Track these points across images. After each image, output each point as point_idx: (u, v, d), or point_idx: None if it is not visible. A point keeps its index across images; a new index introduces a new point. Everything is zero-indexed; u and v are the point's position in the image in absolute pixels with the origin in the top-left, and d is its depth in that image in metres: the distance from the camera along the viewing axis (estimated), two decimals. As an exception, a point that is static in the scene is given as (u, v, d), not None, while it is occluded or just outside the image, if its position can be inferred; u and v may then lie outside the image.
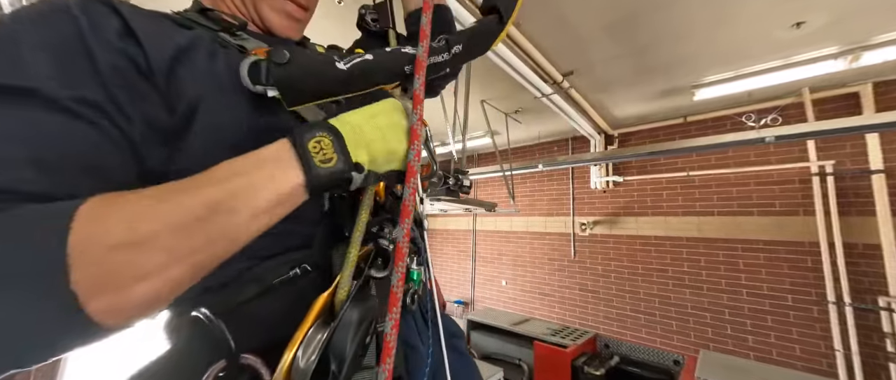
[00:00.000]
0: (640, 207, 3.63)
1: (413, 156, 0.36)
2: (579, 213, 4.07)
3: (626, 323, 3.56)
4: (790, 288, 2.80)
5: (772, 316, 2.84)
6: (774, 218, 2.91)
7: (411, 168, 0.36)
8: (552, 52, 2.34)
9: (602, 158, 3.54)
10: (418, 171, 0.36)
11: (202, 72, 0.34)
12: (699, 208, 3.28)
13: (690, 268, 3.26)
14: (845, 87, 2.63)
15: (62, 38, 0.27)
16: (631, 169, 3.72)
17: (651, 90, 2.91)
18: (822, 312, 2.64)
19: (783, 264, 2.84)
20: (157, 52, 0.31)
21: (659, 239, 3.46)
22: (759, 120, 2.83)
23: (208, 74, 0.34)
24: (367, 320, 0.33)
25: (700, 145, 2.69)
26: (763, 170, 2.98)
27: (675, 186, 3.44)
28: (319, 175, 0.29)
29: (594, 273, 3.86)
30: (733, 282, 3.04)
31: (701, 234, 3.24)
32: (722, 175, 3.17)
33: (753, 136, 2.40)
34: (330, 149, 0.30)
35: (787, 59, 2.30)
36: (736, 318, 2.99)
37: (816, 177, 2.72)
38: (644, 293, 3.49)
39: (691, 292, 3.23)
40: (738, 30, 2.02)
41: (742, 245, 3.02)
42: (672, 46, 2.23)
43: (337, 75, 0.36)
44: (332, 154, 0.30)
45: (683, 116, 3.41)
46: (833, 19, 1.88)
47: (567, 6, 1.88)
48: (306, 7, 0.49)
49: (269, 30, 0.48)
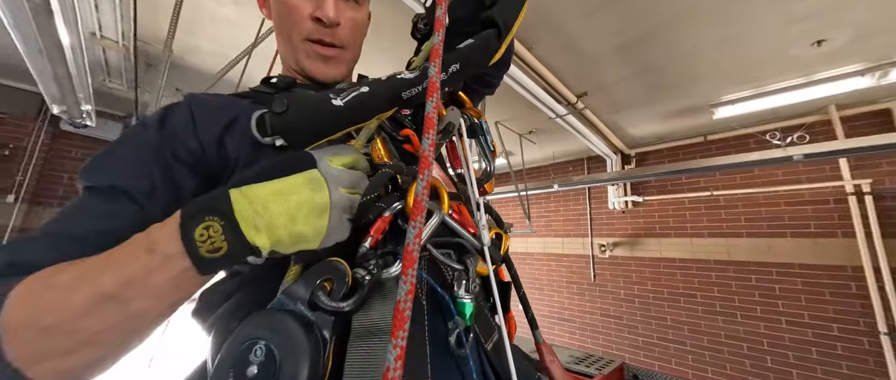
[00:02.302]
0: (662, 227, 3.51)
1: (421, 189, 0.31)
2: (598, 234, 3.96)
3: (654, 352, 3.34)
4: (834, 317, 2.58)
5: (816, 347, 2.61)
6: (810, 240, 2.74)
7: (418, 203, 0.30)
8: (565, 73, 2.38)
9: (619, 177, 3.48)
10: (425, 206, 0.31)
11: (241, 136, 0.40)
12: (726, 229, 3.13)
13: (721, 293, 3.07)
14: (876, 103, 2.54)
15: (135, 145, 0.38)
16: (650, 189, 3.63)
17: (667, 109, 2.89)
18: (874, 344, 2.41)
19: (824, 291, 2.64)
20: (207, 134, 0.40)
21: (684, 262, 3.31)
22: (784, 138, 2.75)
23: (245, 137, 0.40)
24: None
25: (724, 164, 2.62)
26: (793, 189, 2.85)
27: (698, 207, 3.32)
28: (208, 263, 0.28)
29: (616, 297, 3.69)
30: (770, 309, 2.84)
31: (730, 257, 3.07)
32: (749, 195, 3.05)
33: (780, 154, 2.32)
34: (219, 236, 0.28)
35: (809, 77, 2.25)
36: (776, 349, 2.76)
37: (853, 196, 2.58)
38: (672, 320, 3.29)
39: (724, 320, 3.02)
40: (756, 49, 2.01)
41: (777, 269, 2.85)
42: (687, 66, 2.23)
43: (334, 112, 0.37)
44: (220, 243, 0.28)
45: (703, 135, 3.35)
46: (855, 37, 1.86)
47: (577, 29, 1.94)
48: (337, 45, 0.50)
49: (313, 77, 0.51)
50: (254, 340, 0.27)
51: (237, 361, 0.27)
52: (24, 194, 2.63)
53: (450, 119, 0.47)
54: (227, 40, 2.14)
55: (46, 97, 2.10)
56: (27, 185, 2.64)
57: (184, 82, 2.65)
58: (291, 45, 0.50)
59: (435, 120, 0.33)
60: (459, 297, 0.38)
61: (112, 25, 1.88)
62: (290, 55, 0.52)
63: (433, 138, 0.32)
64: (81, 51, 1.68)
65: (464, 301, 0.38)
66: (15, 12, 1.30)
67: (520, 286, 0.55)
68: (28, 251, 0.31)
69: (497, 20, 0.48)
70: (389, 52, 2.06)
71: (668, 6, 1.73)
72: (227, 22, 1.98)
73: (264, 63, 1.85)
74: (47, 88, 1.96)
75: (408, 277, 0.27)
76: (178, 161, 0.38)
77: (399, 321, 0.26)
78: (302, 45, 0.50)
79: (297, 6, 0.48)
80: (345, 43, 0.51)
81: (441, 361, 0.36)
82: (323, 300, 0.29)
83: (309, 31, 0.49)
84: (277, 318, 0.28)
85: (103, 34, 1.94)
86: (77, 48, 1.62)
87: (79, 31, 1.54)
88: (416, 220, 0.29)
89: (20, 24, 1.37)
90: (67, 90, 1.98)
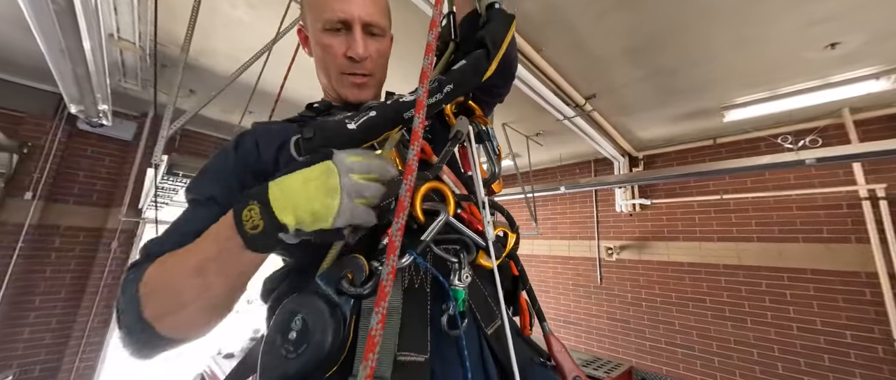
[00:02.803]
0: (670, 231, 3.47)
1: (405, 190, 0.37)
2: (605, 237, 3.93)
3: (662, 357, 3.31)
4: (847, 323, 2.54)
5: (829, 355, 2.57)
6: (823, 245, 2.70)
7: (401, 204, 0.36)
8: (573, 75, 2.38)
9: (627, 180, 3.46)
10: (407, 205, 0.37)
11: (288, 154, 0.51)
12: (736, 233, 3.10)
13: (730, 298, 3.04)
14: (891, 106, 2.50)
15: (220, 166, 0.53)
16: (658, 192, 3.60)
17: (677, 112, 2.87)
18: (889, 352, 2.36)
19: (837, 297, 2.60)
20: (267, 154, 0.53)
21: (693, 266, 3.27)
22: (796, 142, 2.71)
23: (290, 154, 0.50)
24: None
25: (735, 168, 2.59)
26: (805, 193, 2.81)
27: (707, 210, 3.29)
28: (250, 238, 0.38)
29: (623, 301, 3.66)
30: (781, 315, 2.80)
31: (740, 261, 3.03)
32: (760, 199, 3.02)
33: (792, 158, 2.29)
34: (257, 217, 0.37)
35: (823, 80, 2.23)
36: (787, 356, 2.72)
37: (867, 201, 2.54)
38: (680, 325, 3.26)
39: (734, 326, 2.99)
40: (771, 51, 2.00)
41: (788, 274, 2.80)
42: (698, 69, 2.22)
43: (349, 135, 0.47)
44: (258, 222, 0.37)
45: (713, 138, 3.32)
46: (870, 39, 1.83)
47: (588, 31, 1.94)
48: (367, 74, 0.60)
49: (347, 100, 0.62)
50: (294, 312, 0.36)
51: (282, 327, 0.36)
52: (42, 191, 2.69)
53: (458, 127, 0.54)
54: (240, 43, 2.18)
55: (65, 96, 2.15)
56: (44, 182, 2.70)
57: (198, 83, 2.69)
58: (329, 77, 0.62)
59: (420, 132, 0.40)
60: (453, 285, 0.44)
61: (129, 27, 1.92)
62: (328, 85, 0.64)
63: (418, 148, 0.39)
64: (101, 52, 1.72)
65: (456, 288, 0.44)
66: (39, 14, 1.34)
67: (526, 281, 0.59)
68: (156, 245, 0.45)
69: (486, 41, 0.56)
70: (404, 59, 2.09)
71: (685, 9, 1.72)
72: (240, 24, 2.02)
73: (277, 65, 1.88)
74: (67, 88, 2.01)
75: (390, 262, 0.34)
76: (247, 174, 0.52)
77: (381, 295, 0.33)
78: (338, 78, 0.60)
79: (332, 46, 0.58)
80: (372, 71, 0.61)
81: (440, 340, 0.43)
82: (346, 287, 0.37)
83: (343, 66, 0.59)
84: (312, 299, 0.36)
85: (121, 36, 1.99)
86: (97, 49, 1.67)
87: (99, 33, 1.58)
88: (400, 216, 0.36)
89: (43, 26, 1.41)
90: (86, 90, 2.03)
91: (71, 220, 2.87)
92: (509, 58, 0.62)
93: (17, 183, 2.63)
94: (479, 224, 0.51)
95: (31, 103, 2.76)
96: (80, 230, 2.90)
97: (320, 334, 0.34)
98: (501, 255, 0.51)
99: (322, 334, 0.34)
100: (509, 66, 0.65)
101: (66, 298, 2.81)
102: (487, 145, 0.61)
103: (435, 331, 0.44)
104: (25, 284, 2.66)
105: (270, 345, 0.36)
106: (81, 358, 2.79)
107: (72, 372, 2.75)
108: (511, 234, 0.55)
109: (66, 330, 2.78)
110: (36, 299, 2.70)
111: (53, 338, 2.73)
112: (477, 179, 0.54)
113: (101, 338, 2.90)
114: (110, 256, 2.94)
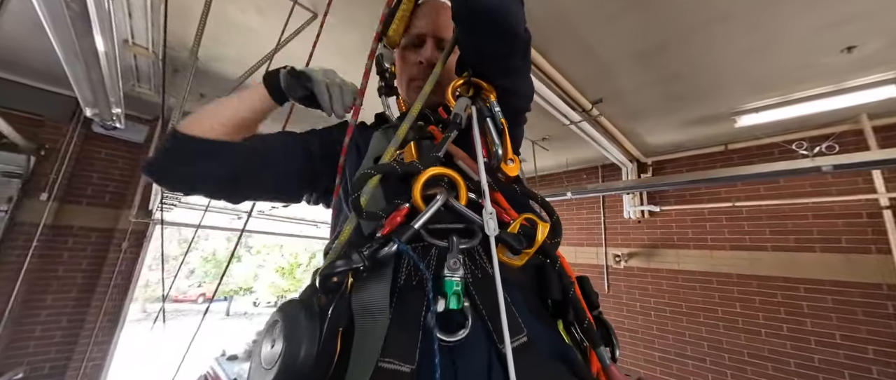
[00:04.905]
0: (680, 238, 3.39)
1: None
2: (612, 244, 3.86)
3: (671, 368, 3.21)
4: (868, 337, 2.42)
5: (850, 371, 2.45)
6: (842, 255, 2.60)
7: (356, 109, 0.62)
8: (580, 80, 2.36)
9: (635, 186, 3.40)
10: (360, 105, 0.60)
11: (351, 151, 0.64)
12: (749, 242, 3.01)
13: (744, 309, 2.94)
14: (912, 112, 2.41)
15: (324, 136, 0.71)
16: (668, 198, 3.53)
17: (686, 117, 2.82)
18: (914, 369, 2.25)
19: (857, 310, 2.49)
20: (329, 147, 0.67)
21: (704, 274, 3.18)
22: (811, 148, 2.63)
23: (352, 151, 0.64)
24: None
25: (748, 174, 2.52)
26: (822, 201, 2.72)
27: (719, 218, 3.20)
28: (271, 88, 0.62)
29: (631, 310, 3.57)
30: (797, 328, 2.69)
31: (753, 271, 2.94)
32: (774, 207, 2.93)
33: (808, 165, 2.22)
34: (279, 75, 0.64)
35: (838, 85, 2.16)
36: (804, 370, 2.61)
37: (888, 210, 2.44)
38: (690, 335, 3.16)
39: (747, 337, 2.88)
40: (782, 55, 1.95)
41: (805, 285, 2.70)
42: (708, 74, 2.18)
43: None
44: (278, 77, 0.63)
45: (724, 144, 3.24)
46: (888, 43, 1.77)
47: (595, 35, 1.92)
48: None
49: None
50: (275, 321, 0.36)
51: (264, 336, 0.37)
52: (57, 193, 2.76)
53: (455, 110, 0.53)
54: (249, 48, 2.21)
55: (81, 100, 2.21)
56: (60, 183, 2.77)
57: (208, 88, 2.75)
58: (403, 84, 0.72)
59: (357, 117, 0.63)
60: (445, 276, 0.38)
61: (143, 32, 1.97)
62: (404, 92, 0.73)
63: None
64: (115, 56, 1.76)
65: (447, 280, 0.38)
66: (56, 20, 1.38)
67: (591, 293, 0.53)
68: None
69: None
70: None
71: (697, 13, 1.69)
72: (249, 30, 2.06)
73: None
74: (82, 92, 2.07)
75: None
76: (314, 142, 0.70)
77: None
78: (408, 84, 0.70)
79: (408, 56, 0.70)
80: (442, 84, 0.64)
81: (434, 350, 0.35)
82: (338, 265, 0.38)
83: (414, 74, 0.69)
84: (292, 304, 0.36)
85: (135, 41, 2.04)
86: (111, 54, 1.71)
87: (113, 38, 1.63)
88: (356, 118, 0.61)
89: (60, 31, 1.45)
90: (100, 94, 2.08)
91: (84, 220, 2.93)
92: (526, 58, 0.59)
93: (33, 184, 2.70)
94: (506, 216, 0.47)
95: (49, 107, 2.85)
96: (92, 231, 2.96)
97: (293, 345, 0.32)
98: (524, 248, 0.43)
99: (294, 344, 0.32)
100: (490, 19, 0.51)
101: (77, 297, 2.86)
102: (490, 123, 0.53)
103: (429, 338, 0.37)
104: (39, 282, 2.72)
105: (255, 356, 0.36)
106: (89, 357, 2.83)
107: (80, 371, 2.79)
108: (541, 224, 0.45)
109: (75, 329, 2.83)
110: (48, 297, 2.76)
111: (63, 336, 2.78)
112: (479, 162, 0.47)
113: (110, 337, 2.94)
114: (120, 257, 2.99)
